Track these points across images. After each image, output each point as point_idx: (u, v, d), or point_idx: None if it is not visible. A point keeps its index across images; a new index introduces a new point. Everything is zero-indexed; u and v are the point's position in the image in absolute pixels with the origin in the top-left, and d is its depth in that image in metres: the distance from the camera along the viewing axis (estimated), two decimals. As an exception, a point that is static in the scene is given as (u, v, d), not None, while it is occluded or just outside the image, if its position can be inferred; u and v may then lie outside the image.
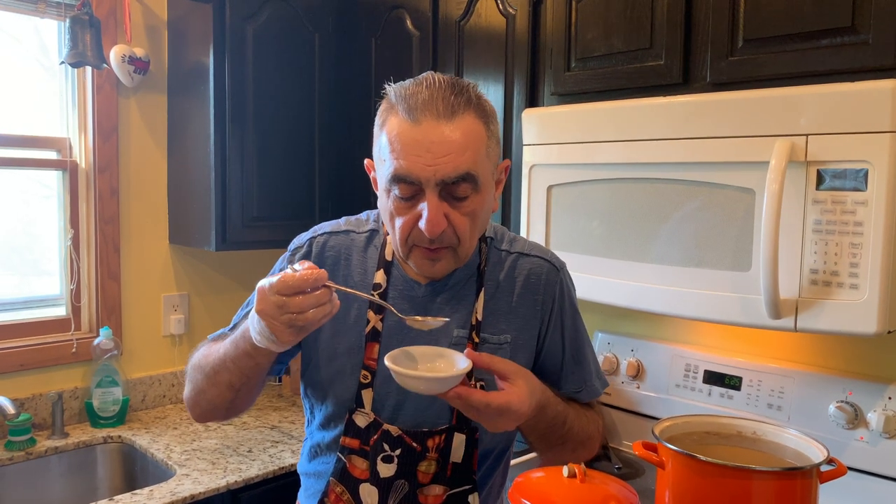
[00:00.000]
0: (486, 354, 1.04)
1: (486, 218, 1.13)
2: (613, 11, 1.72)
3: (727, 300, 1.48)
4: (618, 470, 1.86)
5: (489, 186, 1.10)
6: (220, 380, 1.10)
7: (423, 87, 1.03)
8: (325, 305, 0.95)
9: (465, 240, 1.07)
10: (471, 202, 1.06)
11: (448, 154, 1.01)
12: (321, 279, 0.94)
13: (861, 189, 1.30)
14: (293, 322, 0.94)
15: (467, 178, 1.03)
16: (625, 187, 1.65)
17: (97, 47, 2.13)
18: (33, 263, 2.34)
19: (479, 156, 1.05)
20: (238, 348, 1.06)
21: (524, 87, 1.94)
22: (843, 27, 1.38)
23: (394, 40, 2.29)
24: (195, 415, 1.20)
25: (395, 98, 1.05)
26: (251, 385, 1.12)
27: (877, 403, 1.60)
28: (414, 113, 1.02)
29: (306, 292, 0.94)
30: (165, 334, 2.50)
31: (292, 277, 0.93)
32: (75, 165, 2.31)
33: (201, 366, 1.14)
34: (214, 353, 1.12)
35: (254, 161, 2.30)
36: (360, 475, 1.13)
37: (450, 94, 1.02)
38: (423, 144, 1.01)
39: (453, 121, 1.02)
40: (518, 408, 0.99)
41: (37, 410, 2.19)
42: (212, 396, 1.13)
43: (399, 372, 0.97)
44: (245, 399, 1.16)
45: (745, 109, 1.44)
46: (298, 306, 0.93)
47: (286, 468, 2.00)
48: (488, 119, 1.07)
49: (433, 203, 1.02)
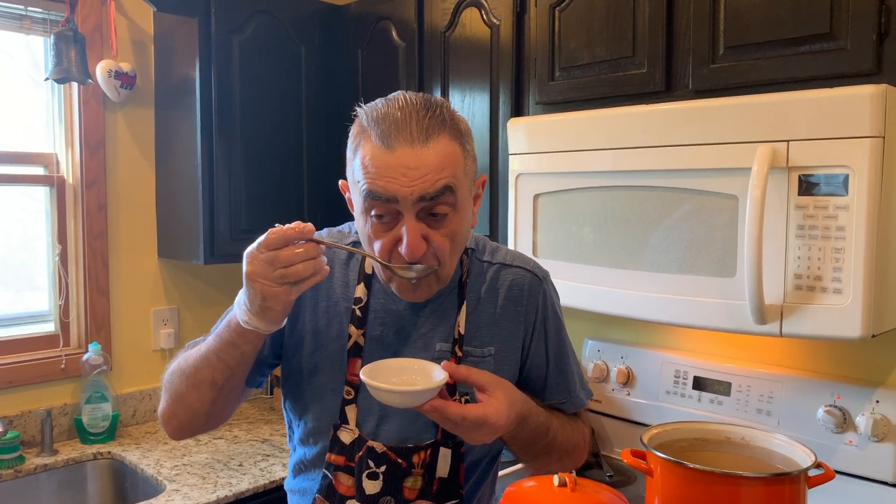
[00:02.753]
0: (464, 367, 1.03)
1: (466, 236, 1.11)
2: (596, 21, 1.73)
3: (713, 306, 1.48)
4: (609, 478, 1.86)
5: (467, 205, 1.08)
6: (203, 378, 1.07)
7: (395, 109, 1.01)
8: (315, 260, 0.95)
9: (445, 261, 1.05)
10: (450, 222, 1.04)
11: (425, 175, 0.99)
12: (307, 232, 0.95)
13: (842, 194, 1.31)
14: (285, 277, 0.94)
15: (446, 192, 1.01)
16: (610, 195, 1.65)
17: (82, 63, 2.13)
18: (27, 279, 2.33)
19: (457, 173, 1.03)
20: (222, 340, 1.05)
21: (509, 96, 1.95)
22: (821, 34, 1.40)
23: (380, 52, 2.30)
24: (171, 427, 1.16)
25: (366, 122, 1.03)
26: (234, 382, 1.10)
27: (865, 407, 1.61)
28: (387, 139, 0.99)
29: (294, 245, 0.94)
30: (155, 348, 2.49)
31: (279, 230, 0.94)
32: (62, 181, 2.30)
33: (181, 369, 1.11)
34: (195, 353, 1.10)
35: (241, 174, 2.30)
36: (346, 492, 1.12)
37: (423, 116, 1.00)
38: (399, 169, 0.99)
39: (428, 145, 1.00)
40: (495, 420, 0.99)
41: (25, 428, 2.18)
42: (192, 401, 1.10)
43: (374, 386, 0.96)
44: (225, 402, 1.13)
45: (726, 116, 1.45)
46: (288, 259, 0.94)
47: (277, 482, 1.99)
48: (463, 138, 1.05)
49: (411, 225, 1.00)
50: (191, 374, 1.09)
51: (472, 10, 2.02)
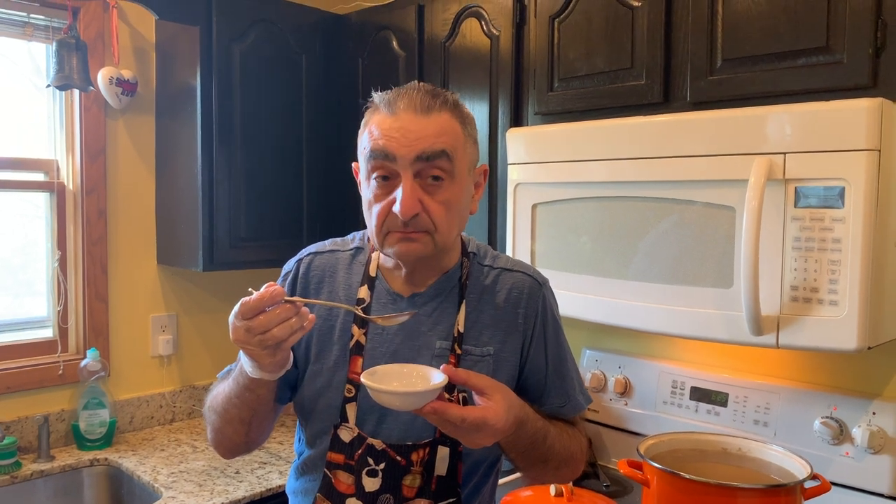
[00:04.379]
0: (463, 370, 1.04)
1: (464, 212, 1.15)
2: (595, 32, 1.75)
3: (710, 317, 1.49)
4: (606, 488, 1.86)
5: (465, 180, 1.13)
6: (231, 417, 1.14)
7: (404, 90, 1.10)
8: (292, 321, 0.98)
9: (441, 226, 1.09)
10: (446, 189, 1.09)
11: (425, 136, 1.06)
12: (277, 295, 0.97)
13: (838, 206, 1.32)
14: (263, 342, 0.98)
15: (442, 156, 1.07)
16: (609, 205, 1.66)
17: (84, 70, 2.14)
18: (26, 284, 2.33)
19: (456, 144, 1.10)
20: (239, 384, 1.10)
21: (508, 106, 1.96)
22: (818, 47, 1.41)
23: (380, 61, 2.31)
24: (220, 453, 1.24)
25: (378, 100, 1.12)
26: (261, 417, 1.16)
27: (861, 419, 1.61)
28: (392, 107, 1.08)
29: (266, 311, 0.97)
30: (154, 355, 2.49)
31: (250, 299, 0.97)
32: (62, 187, 2.31)
33: (213, 406, 1.19)
34: (221, 392, 1.17)
35: (241, 181, 2.30)
36: (346, 490, 1.13)
37: (429, 95, 1.09)
38: (401, 130, 1.06)
39: (430, 116, 1.07)
40: (494, 423, 1.00)
41: (22, 433, 2.17)
42: (229, 433, 1.18)
43: (374, 388, 0.98)
44: (259, 430, 1.20)
45: (724, 128, 1.46)
46: (262, 326, 0.97)
47: (274, 490, 1.99)
48: (465, 120, 1.13)
49: (407, 184, 1.06)
50: (221, 413, 1.16)
51: (473, 20, 2.03)
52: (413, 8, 2.19)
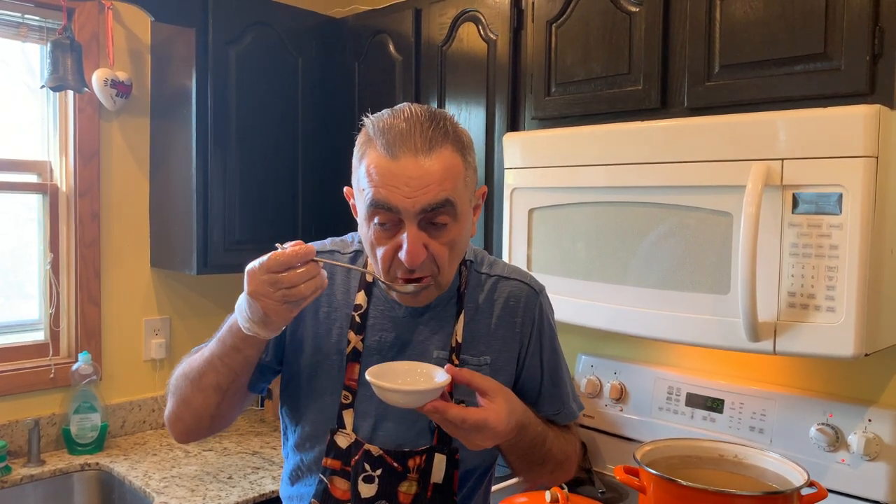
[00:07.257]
0: (467, 370, 1.05)
1: (465, 245, 1.14)
2: (592, 37, 1.75)
3: (707, 323, 1.48)
4: (602, 495, 1.85)
5: (467, 215, 1.11)
6: (207, 382, 1.11)
7: (400, 120, 1.04)
8: (316, 279, 0.98)
9: (444, 268, 1.08)
10: (450, 231, 1.07)
11: (427, 186, 1.02)
12: (310, 253, 0.97)
13: (835, 213, 1.32)
14: (287, 297, 0.97)
15: (446, 205, 1.04)
16: (605, 211, 1.66)
17: (78, 71, 2.12)
18: (18, 287, 2.31)
19: (458, 186, 1.06)
20: (225, 344, 1.07)
21: (505, 111, 1.95)
22: (815, 54, 1.41)
23: (377, 65, 2.31)
24: (177, 432, 1.19)
25: (372, 131, 1.06)
26: (238, 386, 1.13)
27: (857, 426, 1.61)
28: (392, 149, 1.03)
29: (296, 267, 0.96)
30: (146, 359, 2.47)
31: (282, 254, 0.97)
32: (56, 189, 2.29)
33: (185, 373, 1.15)
34: (199, 357, 1.13)
35: (236, 184, 2.29)
36: (342, 496, 1.13)
37: (427, 128, 1.03)
38: (402, 178, 1.02)
39: (431, 155, 1.03)
40: (495, 425, 1.00)
41: (13, 437, 2.15)
42: (197, 405, 1.13)
43: (378, 385, 0.98)
44: (230, 406, 1.16)
45: (721, 134, 1.46)
46: (290, 281, 0.96)
47: (267, 495, 1.97)
48: (465, 150, 1.09)
49: (413, 233, 1.03)
50: (195, 379, 1.12)
51: (470, 24, 2.03)
52: (410, 12, 2.19)
